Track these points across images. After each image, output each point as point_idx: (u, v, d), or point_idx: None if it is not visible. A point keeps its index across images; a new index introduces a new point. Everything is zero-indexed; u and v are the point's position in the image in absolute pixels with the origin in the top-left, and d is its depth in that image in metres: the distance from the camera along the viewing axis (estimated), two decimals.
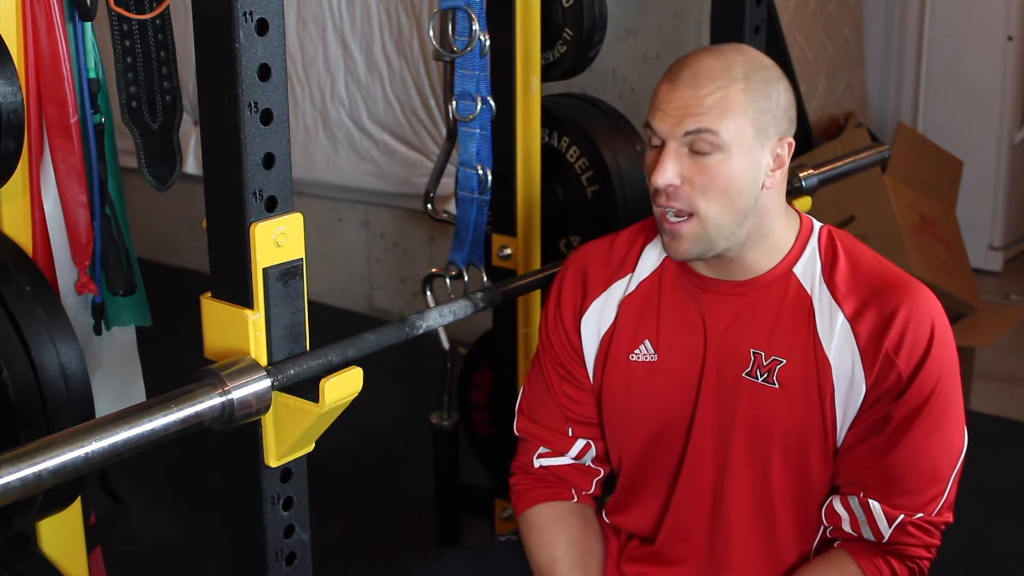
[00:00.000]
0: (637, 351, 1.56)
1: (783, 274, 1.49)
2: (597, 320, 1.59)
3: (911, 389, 1.42)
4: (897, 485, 1.44)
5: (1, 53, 1.42)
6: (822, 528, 1.53)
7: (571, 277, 1.63)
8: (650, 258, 1.59)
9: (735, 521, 1.53)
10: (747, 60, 1.44)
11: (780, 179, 1.47)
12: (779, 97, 1.45)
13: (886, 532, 1.45)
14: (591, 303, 1.60)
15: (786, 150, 1.46)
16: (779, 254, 1.50)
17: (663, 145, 1.43)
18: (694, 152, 1.41)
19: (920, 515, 1.44)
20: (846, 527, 1.48)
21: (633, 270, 1.59)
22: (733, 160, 1.41)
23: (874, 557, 1.47)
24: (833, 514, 1.49)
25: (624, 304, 1.58)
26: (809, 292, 1.48)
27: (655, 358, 1.55)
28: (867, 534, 1.47)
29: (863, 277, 1.48)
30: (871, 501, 1.45)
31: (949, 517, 1.47)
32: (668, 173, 1.41)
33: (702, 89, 1.40)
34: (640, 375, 1.55)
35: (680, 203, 1.42)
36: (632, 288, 1.58)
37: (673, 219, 1.44)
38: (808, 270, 1.49)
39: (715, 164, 1.41)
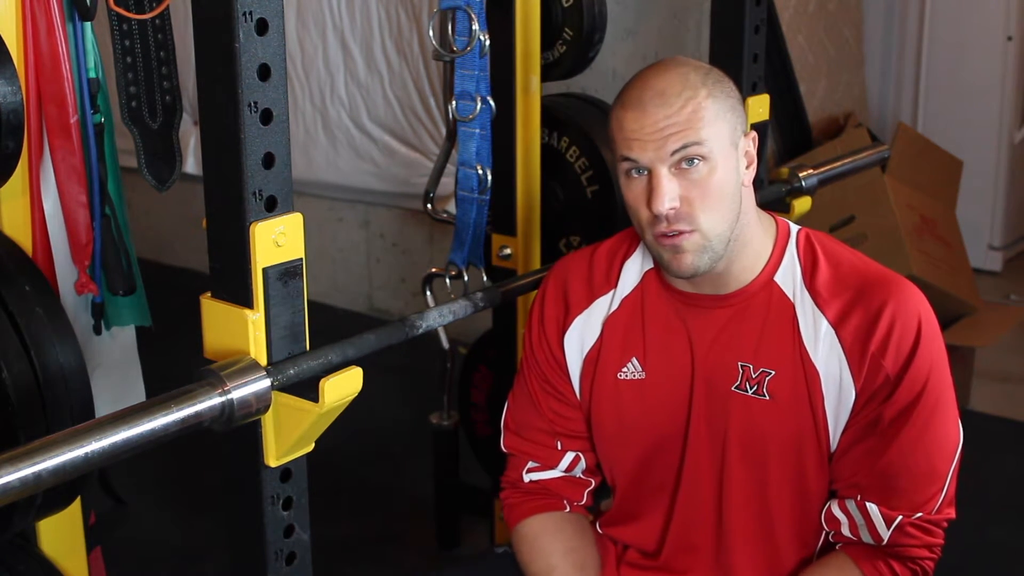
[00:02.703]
0: (625, 369, 1.55)
1: (765, 284, 1.48)
2: (580, 337, 1.58)
3: (900, 389, 1.41)
4: (893, 486, 1.44)
5: (1, 53, 1.42)
6: (824, 533, 1.53)
7: (552, 292, 1.62)
8: (631, 273, 1.57)
9: (737, 532, 1.53)
10: (695, 68, 1.44)
11: (749, 178, 1.48)
12: (735, 94, 1.46)
13: (885, 535, 1.44)
14: (573, 319, 1.58)
15: (752, 145, 1.47)
16: (760, 262, 1.49)
17: (650, 173, 1.40)
18: (682, 169, 1.40)
19: (919, 515, 1.44)
20: (845, 531, 1.48)
21: (615, 286, 1.57)
22: (718, 166, 1.40)
23: (875, 560, 1.47)
24: (832, 518, 1.49)
25: (609, 322, 1.56)
26: (791, 299, 1.47)
27: (643, 376, 1.54)
28: (866, 537, 1.46)
29: (845, 280, 1.46)
30: (868, 504, 1.45)
31: (951, 513, 1.47)
32: (668, 198, 1.39)
33: (672, 106, 1.39)
34: (630, 393, 1.55)
35: (682, 223, 1.40)
36: (616, 305, 1.57)
37: (674, 235, 1.41)
38: (788, 277, 1.48)
39: (706, 176, 1.40)
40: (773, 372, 1.46)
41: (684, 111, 1.38)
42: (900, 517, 1.43)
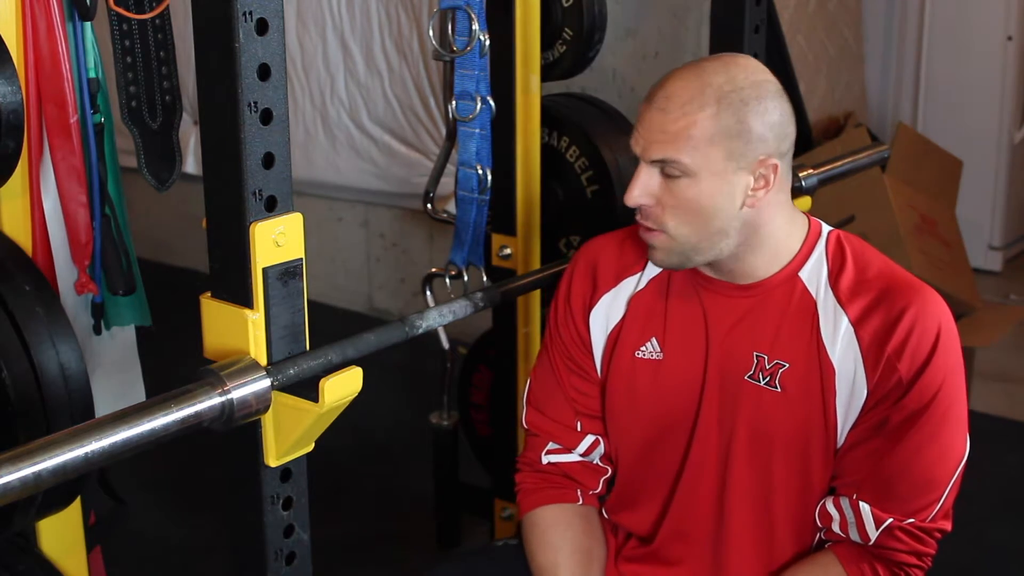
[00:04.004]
0: (643, 348, 1.56)
1: (788, 278, 1.49)
2: (606, 315, 1.59)
3: (911, 394, 1.41)
4: (890, 489, 1.44)
5: (1, 53, 1.42)
6: (819, 530, 1.53)
7: (581, 270, 1.63)
8: None
9: (735, 523, 1.53)
10: (727, 80, 1.40)
11: (771, 197, 1.44)
12: (760, 118, 1.40)
13: (872, 535, 1.45)
14: (600, 297, 1.60)
15: (771, 171, 1.42)
16: (782, 259, 1.49)
17: (639, 163, 1.45)
18: (666, 174, 1.42)
19: (911, 520, 1.44)
20: (835, 527, 1.48)
21: (644, 267, 1.59)
22: (702, 184, 1.41)
23: (860, 562, 1.47)
24: (825, 514, 1.49)
25: (634, 301, 1.58)
26: (814, 296, 1.48)
27: (660, 356, 1.55)
28: (854, 536, 1.47)
29: (870, 282, 1.47)
30: (861, 503, 1.45)
31: (946, 525, 1.46)
32: (635, 193, 1.44)
33: (670, 114, 1.40)
34: (645, 373, 1.55)
35: (650, 221, 1.45)
36: (642, 285, 1.58)
37: (645, 231, 1.47)
38: (814, 275, 1.49)
39: (683, 187, 1.41)
40: (787, 365, 1.47)
41: (677, 124, 1.40)
42: (891, 520, 1.43)
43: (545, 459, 1.63)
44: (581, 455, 1.63)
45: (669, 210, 1.43)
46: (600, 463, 1.64)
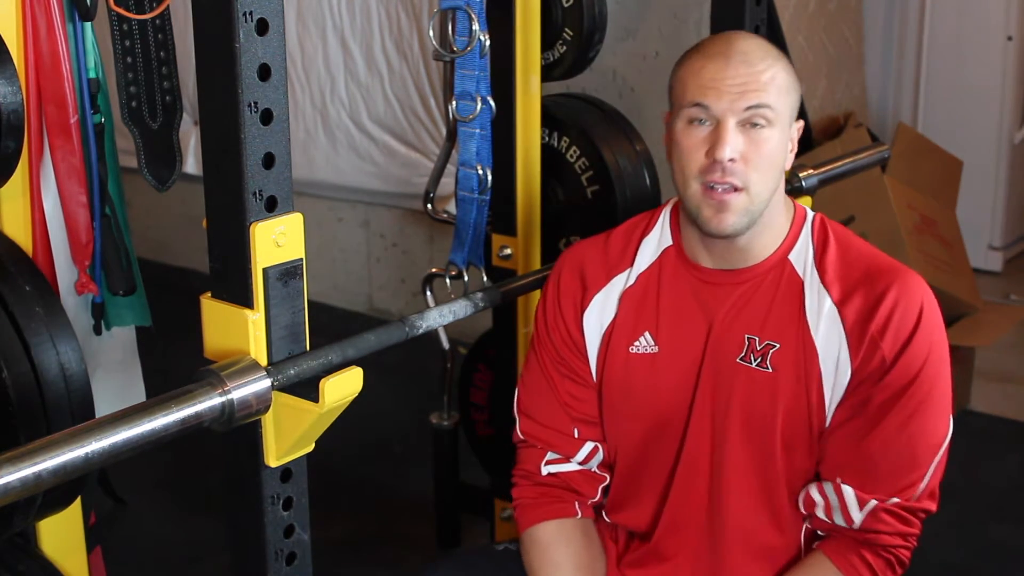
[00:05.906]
0: (637, 343, 1.56)
1: (779, 261, 1.52)
2: (599, 315, 1.59)
3: (892, 373, 1.43)
4: (872, 469, 1.45)
5: (1, 53, 1.42)
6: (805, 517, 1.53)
7: (568, 274, 1.63)
8: (648, 251, 1.60)
9: (732, 509, 1.53)
10: (771, 44, 1.51)
11: (791, 163, 1.53)
12: (797, 80, 1.51)
13: (857, 518, 1.45)
14: (592, 298, 1.60)
15: (797, 133, 1.52)
16: (777, 240, 1.52)
17: (718, 123, 1.45)
18: (746, 128, 1.44)
19: (895, 500, 1.44)
20: (820, 513, 1.49)
21: (632, 264, 1.59)
22: (777, 136, 1.46)
23: (848, 554, 1.48)
24: (809, 501, 1.50)
25: (624, 297, 1.58)
26: (801, 276, 1.50)
27: (655, 350, 1.55)
28: (838, 520, 1.47)
29: (852, 263, 1.50)
30: (844, 486, 1.46)
31: (931, 506, 1.47)
32: (732, 147, 1.43)
33: (756, 66, 1.45)
34: (640, 367, 1.56)
35: (735, 178, 1.45)
36: (632, 281, 1.59)
37: (722, 192, 1.45)
38: (801, 256, 1.52)
39: (766, 139, 1.45)
40: (778, 345, 1.48)
41: (765, 74, 1.45)
42: (874, 502, 1.44)
43: (544, 470, 1.63)
44: (580, 463, 1.62)
45: (752, 165, 1.45)
46: (598, 471, 1.64)
